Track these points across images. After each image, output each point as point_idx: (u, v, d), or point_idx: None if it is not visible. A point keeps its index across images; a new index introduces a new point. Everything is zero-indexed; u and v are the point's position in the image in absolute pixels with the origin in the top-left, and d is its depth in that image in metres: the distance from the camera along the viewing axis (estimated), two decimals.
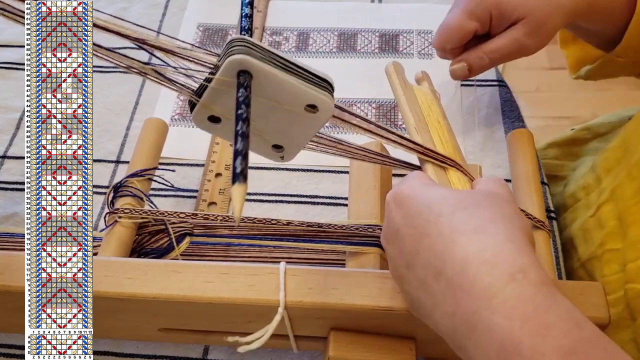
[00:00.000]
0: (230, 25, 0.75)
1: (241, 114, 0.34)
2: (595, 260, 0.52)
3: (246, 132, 0.34)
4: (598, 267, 0.52)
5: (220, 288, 0.42)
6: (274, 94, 0.37)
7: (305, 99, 0.38)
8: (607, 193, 0.52)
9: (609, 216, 0.51)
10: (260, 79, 0.36)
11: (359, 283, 0.42)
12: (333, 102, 0.38)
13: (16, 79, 0.70)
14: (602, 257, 0.51)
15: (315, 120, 0.39)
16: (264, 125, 0.40)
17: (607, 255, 0.50)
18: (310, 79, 0.38)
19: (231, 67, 0.36)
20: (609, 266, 0.50)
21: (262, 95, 0.37)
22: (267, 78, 0.36)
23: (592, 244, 0.53)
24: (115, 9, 0.77)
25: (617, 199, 0.50)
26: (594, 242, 0.53)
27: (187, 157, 0.63)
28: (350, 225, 0.50)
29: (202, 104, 0.38)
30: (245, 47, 0.36)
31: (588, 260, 0.53)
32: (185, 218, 0.51)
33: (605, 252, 0.51)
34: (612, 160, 0.53)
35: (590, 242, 0.53)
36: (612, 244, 0.50)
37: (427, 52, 0.72)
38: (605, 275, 0.50)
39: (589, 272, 0.53)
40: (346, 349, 0.44)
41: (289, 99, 0.38)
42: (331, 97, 0.38)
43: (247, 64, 0.36)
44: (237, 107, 0.34)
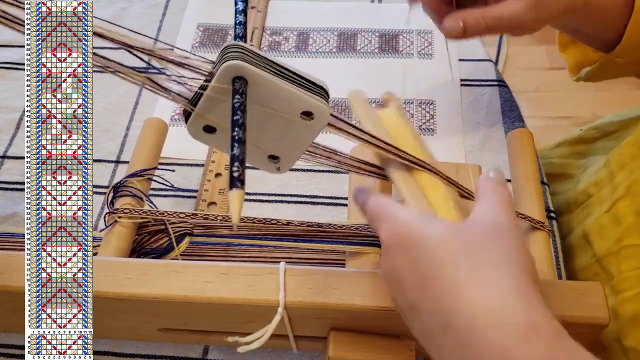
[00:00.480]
0: (230, 25, 0.75)
1: (237, 119, 0.34)
2: (611, 256, 0.52)
3: (242, 137, 0.34)
4: (615, 263, 0.51)
5: (220, 288, 0.42)
6: (269, 101, 0.37)
7: (301, 106, 0.38)
8: (623, 189, 0.52)
9: (626, 212, 0.51)
10: (255, 85, 0.36)
11: (359, 283, 0.42)
12: (328, 109, 0.38)
13: (16, 79, 0.70)
14: (620, 253, 0.51)
15: (310, 127, 0.39)
16: (259, 135, 0.40)
17: (625, 251, 0.50)
18: (306, 85, 0.37)
19: (227, 73, 0.36)
20: (627, 262, 0.50)
21: (257, 102, 0.37)
22: (262, 84, 0.36)
23: (609, 240, 0.52)
24: (115, 9, 0.77)
25: (634, 195, 0.50)
26: (610, 238, 0.52)
27: (187, 157, 0.63)
28: (350, 225, 0.50)
29: (197, 113, 0.38)
30: (240, 53, 0.36)
31: (604, 257, 0.53)
32: (185, 218, 0.51)
33: (622, 248, 0.50)
34: (627, 157, 0.53)
35: (606, 238, 0.53)
36: (630, 240, 0.50)
37: (427, 52, 0.72)
38: (623, 271, 0.50)
39: (604, 268, 0.52)
40: (346, 349, 0.44)
41: (284, 105, 0.37)
42: (326, 103, 0.38)
43: (243, 70, 0.35)
44: (233, 113, 0.34)
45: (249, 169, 0.61)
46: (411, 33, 0.74)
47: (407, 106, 0.67)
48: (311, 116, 0.38)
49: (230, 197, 0.32)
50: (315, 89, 0.38)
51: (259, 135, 0.40)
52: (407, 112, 0.66)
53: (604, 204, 0.54)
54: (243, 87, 0.35)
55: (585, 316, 0.41)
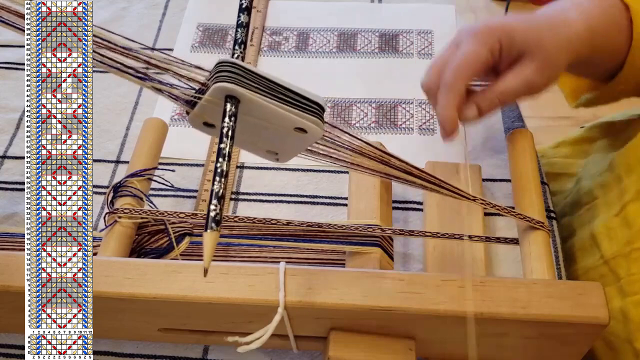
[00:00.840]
0: (230, 25, 0.75)
1: (222, 148, 0.34)
2: (621, 258, 0.52)
3: (226, 170, 0.33)
4: (624, 265, 0.51)
5: (220, 288, 0.42)
6: (262, 116, 0.37)
7: (294, 124, 0.38)
8: (633, 192, 0.52)
9: (637, 215, 0.51)
10: (247, 104, 0.36)
11: (359, 283, 0.42)
12: (321, 128, 0.38)
13: (16, 79, 0.70)
14: (630, 256, 0.51)
15: (305, 139, 0.39)
16: (255, 138, 0.40)
17: (635, 253, 0.50)
18: (300, 103, 0.37)
19: (218, 93, 0.36)
20: (637, 264, 0.50)
21: (251, 115, 0.37)
22: (254, 104, 0.36)
23: (618, 242, 0.53)
24: (115, 9, 0.77)
25: None
26: (619, 240, 0.52)
27: (186, 157, 0.63)
28: (350, 225, 0.50)
29: (195, 113, 0.38)
30: (232, 72, 0.36)
31: (613, 258, 0.53)
32: (185, 218, 0.51)
33: (633, 250, 0.51)
34: (633, 159, 0.53)
35: (615, 240, 0.53)
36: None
37: (426, 52, 0.72)
38: (633, 273, 0.50)
39: (612, 270, 0.52)
40: (346, 349, 0.44)
41: (277, 122, 0.37)
42: (320, 121, 0.38)
43: (234, 91, 0.35)
44: (220, 140, 0.34)
45: (249, 168, 0.61)
46: (411, 33, 0.74)
47: (407, 106, 0.67)
48: (304, 131, 0.38)
49: (205, 239, 0.31)
50: (309, 105, 0.38)
51: (255, 138, 0.40)
52: (407, 112, 0.66)
53: (613, 207, 0.54)
54: (233, 108, 0.35)
55: (585, 316, 0.41)
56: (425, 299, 0.42)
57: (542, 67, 0.48)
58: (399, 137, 0.64)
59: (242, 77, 0.36)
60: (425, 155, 0.59)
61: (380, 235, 0.50)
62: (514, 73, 0.48)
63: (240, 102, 0.36)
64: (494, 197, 0.59)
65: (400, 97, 0.67)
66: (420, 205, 0.58)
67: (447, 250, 0.52)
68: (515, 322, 0.42)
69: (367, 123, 0.65)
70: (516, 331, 0.42)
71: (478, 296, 0.42)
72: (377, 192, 0.52)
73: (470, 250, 0.52)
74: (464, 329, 0.43)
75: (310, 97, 0.38)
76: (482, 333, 0.43)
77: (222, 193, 0.33)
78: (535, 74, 0.48)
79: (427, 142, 0.63)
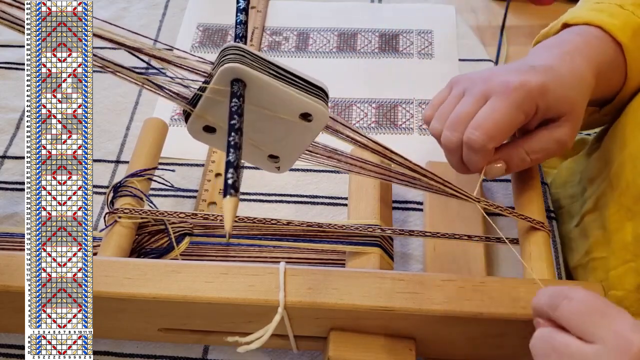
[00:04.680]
0: (230, 25, 0.75)
1: (234, 124, 0.34)
2: (580, 268, 0.53)
3: (239, 142, 0.34)
4: (583, 275, 0.53)
5: (220, 288, 0.42)
6: (268, 103, 0.37)
7: (300, 108, 0.37)
8: (591, 202, 0.53)
9: (593, 226, 0.52)
10: (254, 87, 0.36)
11: (359, 283, 0.42)
12: (327, 110, 0.38)
13: (16, 79, 0.70)
14: (588, 266, 0.52)
15: (309, 129, 0.39)
16: (259, 135, 0.40)
17: (593, 263, 0.51)
18: (305, 87, 0.37)
19: (225, 75, 0.36)
20: (595, 274, 0.51)
21: (256, 103, 0.37)
22: (260, 86, 0.36)
23: (578, 253, 0.54)
24: (115, 9, 0.77)
25: (601, 208, 0.51)
26: (579, 251, 0.54)
27: (187, 157, 0.63)
28: (350, 225, 0.50)
29: (197, 113, 0.38)
30: (238, 55, 0.36)
31: (574, 268, 0.54)
32: (185, 218, 0.51)
33: (590, 260, 0.52)
34: (594, 170, 0.54)
35: (575, 251, 0.54)
36: (598, 253, 0.51)
37: (426, 52, 0.72)
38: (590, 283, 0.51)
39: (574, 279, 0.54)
40: (346, 349, 0.44)
41: (283, 107, 0.37)
42: (325, 105, 0.38)
43: (241, 72, 0.35)
44: (230, 117, 0.34)
45: (249, 168, 0.61)
46: (411, 33, 0.74)
47: (407, 106, 0.67)
48: (310, 117, 0.38)
49: (225, 204, 0.32)
50: (314, 90, 0.38)
51: (258, 136, 0.40)
52: (407, 112, 0.66)
53: (574, 218, 0.55)
54: (241, 90, 0.35)
55: None
56: (425, 299, 0.42)
57: (575, 128, 0.48)
58: (399, 137, 0.64)
59: (249, 60, 0.36)
60: (425, 155, 0.59)
61: (380, 235, 0.50)
62: (547, 133, 0.48)
63: (247, 86, 0.36)
64: (494, 197, 0.59)
65: (400, 97, 0.67)
66: (420, 205, 0.58)
67: (447, 250, 0.52)
68: (515, 322, 0.42)
69: (367, 123, 0.65)
70: (516, 331, 0.42)
71: (478, 296, 0.42)
72: (377, 192, 0.52)
73: (470, 250, 0.52)
74: (464, 329, 0.43)
75: (314, 82, 0.38)
76: (482, 333, 0.43)
77: (237, 163, 0.33)
78: (568, 135, 0.48)
79: (427, 142, 0.63)
